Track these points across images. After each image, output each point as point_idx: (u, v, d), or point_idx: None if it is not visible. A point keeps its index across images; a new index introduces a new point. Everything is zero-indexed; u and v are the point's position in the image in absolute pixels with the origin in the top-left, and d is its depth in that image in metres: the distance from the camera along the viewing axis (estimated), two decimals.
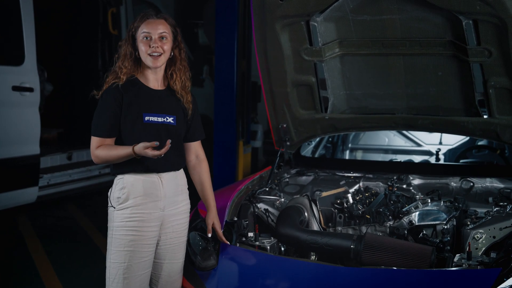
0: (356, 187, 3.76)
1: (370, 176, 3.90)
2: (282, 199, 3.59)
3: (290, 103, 3.89)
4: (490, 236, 2.93)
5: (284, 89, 3.83)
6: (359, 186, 3.78)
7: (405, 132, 5.41)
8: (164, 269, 2.74)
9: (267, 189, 3.67)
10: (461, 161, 4.75)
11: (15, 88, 5.28)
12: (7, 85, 5.23)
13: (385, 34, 3.49)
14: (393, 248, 2.79)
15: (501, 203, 3.23)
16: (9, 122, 5.27)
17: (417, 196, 3.51)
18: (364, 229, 3.21)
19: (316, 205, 3.44)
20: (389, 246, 2.81)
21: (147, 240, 2.61)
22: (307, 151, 4.69)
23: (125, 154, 2.53)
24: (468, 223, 3.05)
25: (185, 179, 2.80)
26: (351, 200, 3.42)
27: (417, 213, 3.21)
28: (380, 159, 5.19)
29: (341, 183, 3.77)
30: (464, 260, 2.67)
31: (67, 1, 7.43)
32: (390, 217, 3.24)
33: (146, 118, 2.62)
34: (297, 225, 3.14)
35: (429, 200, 3.37)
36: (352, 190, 3.67)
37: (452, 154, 5.04)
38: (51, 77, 6.75)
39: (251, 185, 3.69)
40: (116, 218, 2.59)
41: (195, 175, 2.88)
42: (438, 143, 5.31)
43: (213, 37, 6.37)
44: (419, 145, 5.42)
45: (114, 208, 2.61)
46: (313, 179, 3.95)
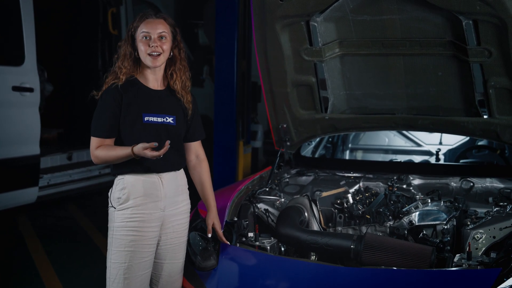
0: (356, 187, 3.76)
1: (370, 176, 3.90)
2: (282, 199, 3.59)
3: (290, 103, 3.89)
4: (490, 236, 2.93)
5: (284, 89, 3.83)
6: (359, 186, 3.78)
7: (405, 132, 5.40)
8: (165, 269, 2.74)
9: (267, 189, 3.67)
10: (461, 161, 4.75)
11: (15, 88, 5.28)
12: (7, 85, 5.22)
13: (385, 34, 3.49)
14: (393, 248, 2.79)
15: (501, 203, 3.23)
16: (9, 122, 5.27)
17: (417, 196, 3.51)
18: (364, 229, 3.21)
19: (316, 205, 3.44)
20: (389, 246, 2.80)
21: (148, 240, 2.62)
22: (307, 151, 4.69)
23: (124, 155, 2.53)
24: (468, 223, 3.05)
25: (185, 179, 2.80)
26: (351, 200, 3.42)
27: (417, 213, 3.21)
28: (380, 159, 5.19)
29: (341, 183, 3.77)
30: (464, 260, 2.67)
31: (67, 1, 7.43)
32: (390, 217, 3.24)
33: (146, 118, 2.62)
34: (297, 225, 3.14)
35: (429, 200, 3.37)
36: (352, 190, 3.67)
37: (452, 154, 5.04)
38: (51, 77, 6.76)
39: (251, 185, 3.69)
40: (117, 219, 2.60)
41: (195, 175, 2.88)
42: (438, 143, 5.30)
43: (213, 37, 6.36)
44: (419, 145, 5.42)
45: (115, 209, 2.61)
46: (313, 179, 3.95)
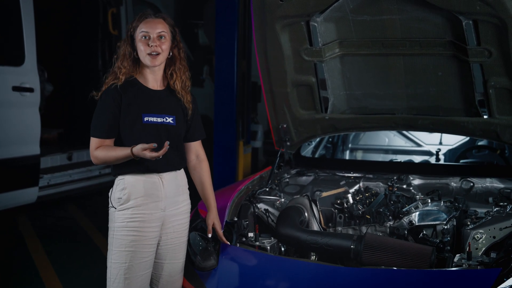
0: (356, 187, 3.76)
1: (370, 176, 3.90)
2: (282, 199, 3.59)
3: (290, 103, 3.89)
4: (490, 236, 2.93)
5: (284, 89, 3.83)
6: (359, 186, 3.78)
7: (405, 132, 5.40)
8: (165, 269, 2.74)
9: (267, 189, 3.67)
10: (461, 161, 4.75)
11: (15, 89, 5.28)
12: (7, 86, 5.23)
13: (385, 34, 3.49)
14: (393, 248, 2.79)
15: (501, 203, 3.23)
16: (9, 123, 5.27)
17: (417, 196, 3.51)
18: (364, 229, 3.21)
19: (316, 205, 3.44)
20: (389, 246, 2.80)
21: (148, 241, 2.62)
22: (307, 151, 4.69)
23: (124, 155, 2.53)
24: (468, 223, 3.05)
25: (186, 179, 2.80)
26: (351, 200, 3.42)
27: (417, 213, 3.21)
28: (380, 159, 5.19)
29: (341, 183, 3.77)
30: (464, 260, 2.67)
31: (67, 1, 7.43)
32: (390, 217, 3.24)
33: (146, 119, 2.62)
34: (297, 225, 3.14)
35: (429, 200, 3.37)
36: (352, 190, 3.67)
37: (452, 154, 5.04)
38: (51, 78, 6.76)
39: (251, 185, 3.69)
40: (117, 219, 2.60)
41: (196, 175, 2.88)
42: (438, 143, 5.30)
43: (213, 37, 6.36)
44: (419, 145, 5.42)
45: (115, 209, 2.61)
46: (313, 179, 3.95)
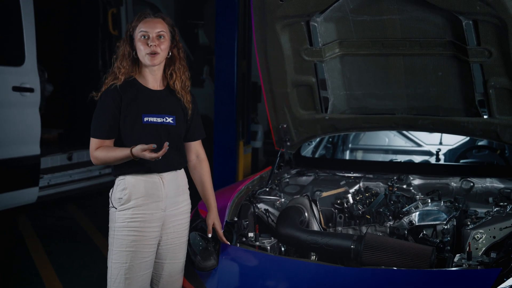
0: (356, 187, 3.76)
1: (370, 176, 3.90)
2: (282, 199, 3.59)
3: (290, 104, 3.89)
4: (490, 236, 2.93)
5: (284, 90, 3.83)
6: (359, 186, 3.78)
7: (405, 132, 5.40)
8: (165, 269, 2.74)
9: (267, 189, 3.67)
10: (461, 161, 4.75)
11: (16, 89, 5.28)
12: (8, 86, 5.22)
13: (385, 35, 3.49)
14: (393, 248, 2.79)
15: (501, 203, 3.23)
16: (10, 123, 5.27)
17: (417, 196, 3.51)
18: (364, 229, 3.21)
19: (316, 205, 3.44)
20: (389, 246, 2.80)
21: (149, 241, 2.62)
22: (307, 152, 4.69)
23: (123, 156, 2.53)
24: (468, 223, 3.05)
25: (186, 179, 2.80)
26: (351, 200, 3.42)
27: (417, 213, 3.21)
28: (380, 159, 5.19)
29: (341, 183, 3.77)
30: (464, 260, 2.67)
31: (67, 1, 7.43)
32: (390, 217, 3.24)
33: (145, 119, 2.61)
34: (297, 225, 3.14)
35: (429, 200, 3.37)
36: (352, 190, 3.67)
37: (452, 154, 5.04)
38: (52, 78, 6.76)
39: (251, 186, 3.69)
40: (118, 219, 2.60)
41: (196, 175, 2.88)
42: (438, 143, 5.31)
43: (213, 37, 6.36)
44: (419, 145, 5.42)
45: (116, 209, 2.61)
46: (313, 179, 3.95)
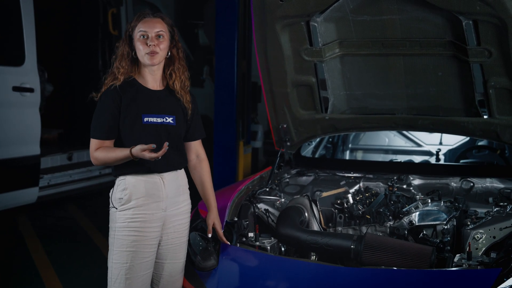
0: (356, 187, 3.76)
1: (370, 176, 3.90)
2: (283, 200, 3.59)
3: (290, 104, 3.89)
4: (490, 236, 2.93)
5: (284, 90, 3.83)
6: (359, 186, 3.78)
7: (405, 133, 5.41)
8: (166, 269, 2.74)
9: (268, 190, 3.67)
10: (461, 161, 4.75)
11: (16, 89, 5.28)
12: (8, 86, 5.23)
13: (385, 35, 3.49)
14: (393, 248, 2.79)
15: (501, 203, 3.23)
16: (10, 123, 5.27)
17: (417, 196, 3.51)
18: (364, 229, 3.21)
19: (317, 205, 3.44)
20: (389, 246, 2.80)
21: (149, 241, 2.62)
22: (307, 152, 4.69)
23: (123, 156, 2.53)
24: (468, 223, 3.05)
25: (186, 179, 2.80)
26: (351, 200, 3.42)
27: (417, 213, 3.21)
28: (380, 160, 5.19)
29: (341, 183, 3.77)
30: (464, 260, 2.67)
31: (67, 2, 7.43)
32: (390, 217, 3.24)
33: (145, 119, 2.61)
34: (297, 225, 3.14)
35: (429, 200, 3.37)
36: (352, 190, 3.67)
37: (452, 154, 5.04)
38: (52, 78, 6.76)
39: (252, 186, 3.69)
40: (119, 219, 2.59)
41: (196, 175, 2.88)
42: (438, 144, 5.31)
43: (213, 37, 6.37)
44: (419, 146, 5.42)
45: (116, 209, 2.61)
46: (313, 180, 3.95)
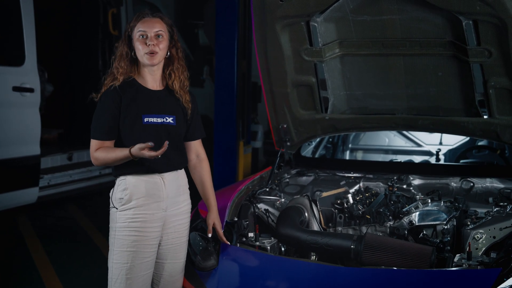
0: (356, 187, 3.76)
1: (370, 177, 3.90)
2: (283, 200, 3.59)
3: (291, 104, 3.89)
4: (490, 236, 2.93)
5: (285, 90, 3.83)
6: (359, 186, 3.78)
7: (405, 133, 5.41)
8: (166, 269, 2.75)
9: (268, 190, 3.67)
10: (461, 162, 4.75)
11: (16, 89, 5.28)
12: (8, 86, 5.23)
13: (385, 35, 3.49)
14: (393, 248, 2.79)
15: (501, 203, 3.23)
16: (10, 123, 5.27)
17: (417, 196, 3.51)
18: (364, 229, 3.21)
19: (317, 205, 3.44)
20: (389, 246, 2.80)
21: (150, 241, 2.62)
22: (308, 152, 4.69)
23: (123, 156, 2.52)
24: (468, 223, 3.05)
25: (186, 179, 2.80)
26: (351, 200, 3.42)
27: (417, 213, 3.21)
28: (380, 160, 5.20)
29: (341, 184, 3.77)
30: (464, 260, 2.67)
31: (67, 2, 7.44)
32: (390, 217, 3.24)
33: (145, 119, 2.61)
34: (297, 225, 3.14)
35: (429, 200, 3.38)
36: (352, 190, 3.67)
37: (452, 155, 5.05)
38: (52, 78, 6.76)
39: (252, 186, 3.69)
40: (119, 219, 2.59)
41: (196, 175, 2.88)
42: (438, 144, 5.31)
43: (213, 38, 6.37)
44: (419, 146, 5.42)
45: (117, 209, 2.61)
46: (314, 180, 3.95)
